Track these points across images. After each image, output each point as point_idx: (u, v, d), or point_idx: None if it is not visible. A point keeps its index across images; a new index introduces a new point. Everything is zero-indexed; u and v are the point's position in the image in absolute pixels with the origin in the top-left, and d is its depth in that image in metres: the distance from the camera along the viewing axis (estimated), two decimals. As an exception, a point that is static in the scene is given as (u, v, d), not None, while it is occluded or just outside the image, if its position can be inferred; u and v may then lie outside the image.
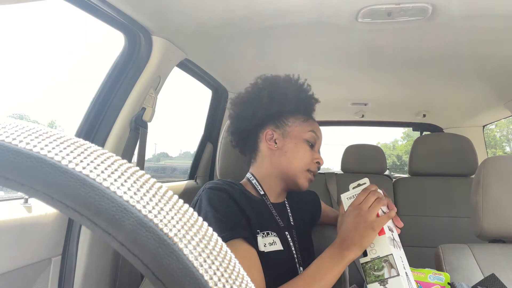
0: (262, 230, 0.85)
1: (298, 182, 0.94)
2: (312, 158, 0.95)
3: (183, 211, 0.21)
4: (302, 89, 0.99)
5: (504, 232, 1.06)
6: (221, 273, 0.19)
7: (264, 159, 0.96)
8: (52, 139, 0.20)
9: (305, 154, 0.94)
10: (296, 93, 0.97)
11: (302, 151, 0.94)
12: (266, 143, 0.95)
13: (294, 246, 0.92)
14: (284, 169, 0.93)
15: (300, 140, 0.94)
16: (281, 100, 0.95)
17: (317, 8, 1.09)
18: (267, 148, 0.95)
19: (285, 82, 0.98)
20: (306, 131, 0.95)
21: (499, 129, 15.80)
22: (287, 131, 0.95)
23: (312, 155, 0.95)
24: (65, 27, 1.27)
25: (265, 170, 0.96)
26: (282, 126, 0.96)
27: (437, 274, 0.86)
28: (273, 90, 0.96)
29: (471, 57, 1.47)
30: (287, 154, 0.93)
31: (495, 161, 1.12)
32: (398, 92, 2.17)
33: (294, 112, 0.97)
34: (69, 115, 1.55)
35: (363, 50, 1.44)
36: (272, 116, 0.97)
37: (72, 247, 1.04)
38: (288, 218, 0.98)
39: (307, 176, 0.94)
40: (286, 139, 0.94)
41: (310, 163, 0.94)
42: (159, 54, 1.20)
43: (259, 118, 0.97)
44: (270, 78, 1.00)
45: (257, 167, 0.97)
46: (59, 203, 0.18)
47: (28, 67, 1.24)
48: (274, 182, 0.96)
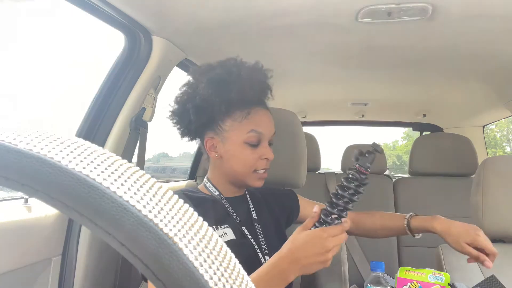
0: (215, 224, 0.89)
1: (249, 183, 0.94)
2: (257, 158, 0.91)
3: (183, 211, 0.21)
4: (238, 80, 0.86)
5: (504, 232, 1.06)
6: (221, 273, 0.19)
7: (214, 165, 0.97)
8: (52, 139, 0.20)
9: (246, 157, 0.90)
10: (229, 89, 0.86)
11: (242, 155, 0.90)
12: (209, 152, 0.94)
13: (255, 238, 0.93)
14: (231, 174, 0.94)
15: (239, 144, 0.89)
16: (209, 107, 0.87)
17: (317, 8, 1.09)
18: (213, 156, 0.93)
19: (215, 80, 0.87)
20: (245, 133, 0.89)
21: (499, 129, 15.80)
22: (225, 137, 0.90)
23: (255, 155, 0.90)
24: (65, 27, 1.27)
25: (217, 176, 0.96)
26: (220, 131, 0.91)
27: (437, 274, 0.86)
28: (199, 99, 0.87)
29: (471, 57, 1.47)
30: (229, 161, 0.91)
31: (495, 161, 1.12)
32: (398, 92, 2.17)
33: (229, 111, 0.89)
34: (69, 115, 1.55)
35: (363, 50, 1.44)
36: (206, 125, 0.92)
37: (72, 247, 1.04)
38: (249, 211, 0.99)
39: (256, 176, 0.92)
40: (226, 144, 0.90)
41: (254, 164, 0.91)
42: (159, 54, 1.20)
43: (194, 131, 0.94)
44: (197, 80, 0.90)
45: (210, 172, 0.99)
46: (59, 203, 0.18)
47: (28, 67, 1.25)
48: (227, 185, 0.97)
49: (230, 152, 0.90)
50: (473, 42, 1.30)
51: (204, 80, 0.87)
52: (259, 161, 0.91)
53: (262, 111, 0.92)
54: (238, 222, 0.93)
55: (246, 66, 0.89)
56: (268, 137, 0.93)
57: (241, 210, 0.97)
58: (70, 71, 1.65)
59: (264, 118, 0.92)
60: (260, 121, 0.91)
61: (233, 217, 0.93)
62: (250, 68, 0.89)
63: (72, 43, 1.57)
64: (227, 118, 0.90)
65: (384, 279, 0.81)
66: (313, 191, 2.19)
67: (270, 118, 0.94)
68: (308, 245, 0.72)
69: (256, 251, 0.91)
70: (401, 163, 21.01)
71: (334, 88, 2.18)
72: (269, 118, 0.94)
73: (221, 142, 0.91)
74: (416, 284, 0.85)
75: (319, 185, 2.24)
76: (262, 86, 0.91)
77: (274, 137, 0.96)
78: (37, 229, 0.93)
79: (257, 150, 0.91)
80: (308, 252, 0.71)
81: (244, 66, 0.89)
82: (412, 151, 2.13)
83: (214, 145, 0.92)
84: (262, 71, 0.91)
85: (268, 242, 0.95)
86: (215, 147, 0.92)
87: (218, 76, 0.87)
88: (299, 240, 0.73)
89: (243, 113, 0.89)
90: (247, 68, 0.89)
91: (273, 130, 0.94)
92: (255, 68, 0.90)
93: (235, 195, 0.99)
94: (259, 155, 0.91)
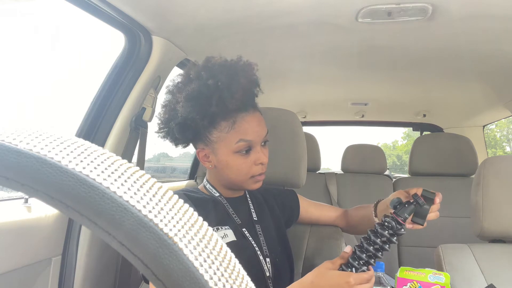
0: (217, 225, 0.89)
1: (246, 188, 0.93)
2: (251, 164, 0.88)
3: (183, 211, 0.21)
4: (217, 92, 0.81)
5: (504, 232, 1.06)
6: (221, 273, 0.19)
7: (210, 172, 0.97)
8: (52, 139, 0.20)
9: (240, 166, 0.87)
10: (208, 103, 0.82)
11: (235, 165, 0.87)
12: (203, 162, 0.93)
13: (256, 239, 0.93)
14: (227, 181, 0.93)
15: (230, 154, 0.86)
16: (192, 123, 0.85)
17: (317, 8, 1.09)
18: (207, 166, 0.93)
19: (193, 97, 0.82)
20: (233, 144, 0.85)
21: (499, 129, 15.79)
22: (215, 148, 0.88)
23: (249, 162, 0.88)
24: (65, 27, 1.26)
25: (215, 180, 0.96)
26: (209, 142, 0.88)
27: (437, 274, 0.86)
28: (180, 118, 0.84)
29: (471, 57, 1.47)
30: (224, 170, 0.90)
31: (495, 161, 1.12)
32: (398, 92, 2.18)
33: (213, 124, 0.85)
34: (69, 115, 1.55)
35: (363, 50, 1.44)
36: (194, 139, 0.91)
37: (72, 247, 1.04)
38: (250, 212, 0.99)
39: (253, 181, 0.91)
40: (217, 155, 0.88)
41: (249, 171, 0.88)
42: (159, 54, 1.20)
43: (184, 144, 0.93)
44: (176, 98, 0.86)
45: (208, 176, 0.98)
46: (59, 203, 0.18)
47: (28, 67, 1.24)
48: (226, 188, 0.96)
49: (223, 162, 0.88)
50: (473, 42, 1.30)
51: (182, 98, 0.83)
52: (254, 167, 0.89)
53: (248, 116, 0.87)
54: (238, 223, 0.93)
55: (225, 73, 0.82)
56: (259, 141, 0.89)
57: (242, 211, 0.97)
58: (70, 71, 1.65)
59: (251, 124, 0.87)
60: (247, 128, 0.86)
61: (234, 219, 0.93)
62: (229, 74, 0.82)
63: (72, 43, 1.57)
64: (213, 130, 0.86)
65: (384, 279, 0.81)
66: (313, 191, 2.20)
67: (259, 121, 0.89)
68: (334, 286, 0.72)
69: (257, 253, 0.91)
70: (401, 163, 21.00)
71: (334, 88, 2.18)
72: (258, 121, 0.89)
73: (213, 153, 0.89)
74: (416, 284, 0.85)
75: (319, 185, 2.24)
76: (244, 90, 0.84)
77: (272, 136, 0.95)
78: (37, 229, 0.93)
79: (250, 157, 0.88)
80: None
81: (222, 73, 0.82)
82: (412, 151, 2.14)
83: (206, 155, 0.91)
84: (244, 72, 0.85)
85: (268, 243, 0.95)
86: (207, 157, 0.91)
87: (195, 91, 0.82)
88: (325, 277, 0.73)
89: (229, 123, 0.85)
90: (226, 75, 0.82)
91: (264, 132, 0.90)
92: (235, 71, 0.84)
93: (235, 196, 0.99)
94: (253, 161, 0.88)
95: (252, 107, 0.88)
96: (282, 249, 0.99)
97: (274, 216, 1.04)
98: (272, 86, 2.01)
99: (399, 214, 0.73)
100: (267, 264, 0.92)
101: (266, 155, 0.91)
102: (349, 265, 0.74)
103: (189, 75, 0.86)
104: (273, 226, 1.01)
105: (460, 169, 2.02)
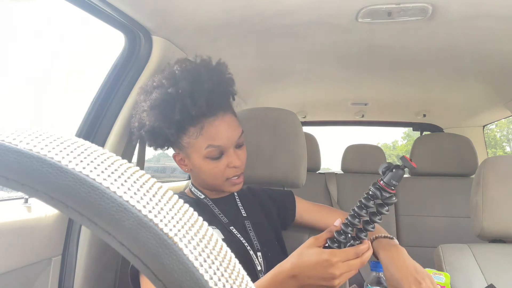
0: None
1: (225, 190, 0.93)
2: (224, 168, 0.87)
3: (183, 211, 0.21)
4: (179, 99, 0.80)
5: (504, 232, 1.06)
6: (221, 273, 0.19)
7: (192, 175, 0.97)
8: (52, 139, 0.20)
9: (212, 171, 0.87)
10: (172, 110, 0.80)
11: (208, 170, 0.87)
12: (180, 166, 0.93)
13: (245, 235, 0.93)
14: (205, 184, 0.94)
15: (201, 159, 0.86)
16: (160, 131, 0.83)
17: (317, 8, 1.09)
18: (184, 169, 0.93)
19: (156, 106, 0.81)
20: (203, 149, 0.84)
21: (499, 129, 15.79)
22: (188, 153, 0.87)
23: (221, 166, 0.86)
24: (65, 27, 1.26)
25: (197, 182, 0.97)
26: (181, 147, 0.88)
27: (437, 274, 0.86)
28: (148, 126, 0.83)
29: (471, 57, 1.47)
30: (199, 174, 0.90)
31: (495, 161, 1.12)
32: (398, 92, 2.18)
33: (182, 130, 0.84)
34: (69, 115, 1.55)
35: (363, 50, 1.44)
36: (167, 144, 0.90)
37: (72, 247, 1.04)
38: (238, 209, 0.99)
39: (229, 184, 0.90)
40: (190, 160, 0.88)
41: (223, 175, 0.87)
42: (159, 54, 1.20)
43: (161, 148, 0.91)
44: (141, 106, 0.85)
45: (192, 179, 0.99)
46: (59, 203, 0.18)
47: (28, 67, 1.24)
48: (209, 190, 0.96)
49: (197, 166, 0.88)
50: (473, 42, 1.30)
51: (146, 107, 0.83)
52: (228, 169, 0.87)
53: (217, 121, 0.84)
54: (225, 222, 0.92)
55: (187, 80, 0.81)
56: (231, 144, 0.86)
57: (229, 210, 0.96)
58: (70, 71, 1.65)
59: (220, 128, 0.84)
60: (216, 133, 0.83)
61: (220, 218, 0.93)
62: (192, 81, 0.81)
63: (72, 43, 1.58)
64: (183, 136, 0.85)
65: (384, 279, 0.81)
66: (313, 191, 2.20)
67: (228, 124, 0.86)
68: (313, 267, 0.65)
69: (246, 248, 0.90)
70: (401, 163, 20.93)
71: (334, 88, 2.18)
72: (228, 124, 0.85)
73: (186, 156, 0.89)
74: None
75: (319, 185, 2.24)
76: (210, 95, 0.81)
77: (272, 136, 0.94)
78: (37, 229, 0.93)
79: (222, 161, 0.86)
80: (311, 273, 0.65)
81: (185, 79, 0.81)
82: (412, 151, 2.14)
83: (182, 159, 0.91)
84: (210, 75, 0.83)
85: (260, 237, 0.94)
86: (183, 161, 0.91)
87: (158, 100, 0.81)
88: (305, 257, 0.66)
89: (196, 128, 0.83)
90: (188, 81, 0.80)
91: (236, 134, 0.87)
92: (198, 76, 0.82)
93: (221, 196, 0.98)
94: (225, 165, 0.87)
95: (222, 111, 0.85)
96: (275, 244, 0.99)
97: (267, 213, 1.03)
98: (272, 86, 2.01)
99: (386, 182, 0.65)
100: (258, 258, 0.91)
101: (241, 158, 0.89)
102: (335, 241, 0.67)
103: (153, 82, 0.85)
104: (265, 221, 1.01)
105: (460, 169, 2.03)
